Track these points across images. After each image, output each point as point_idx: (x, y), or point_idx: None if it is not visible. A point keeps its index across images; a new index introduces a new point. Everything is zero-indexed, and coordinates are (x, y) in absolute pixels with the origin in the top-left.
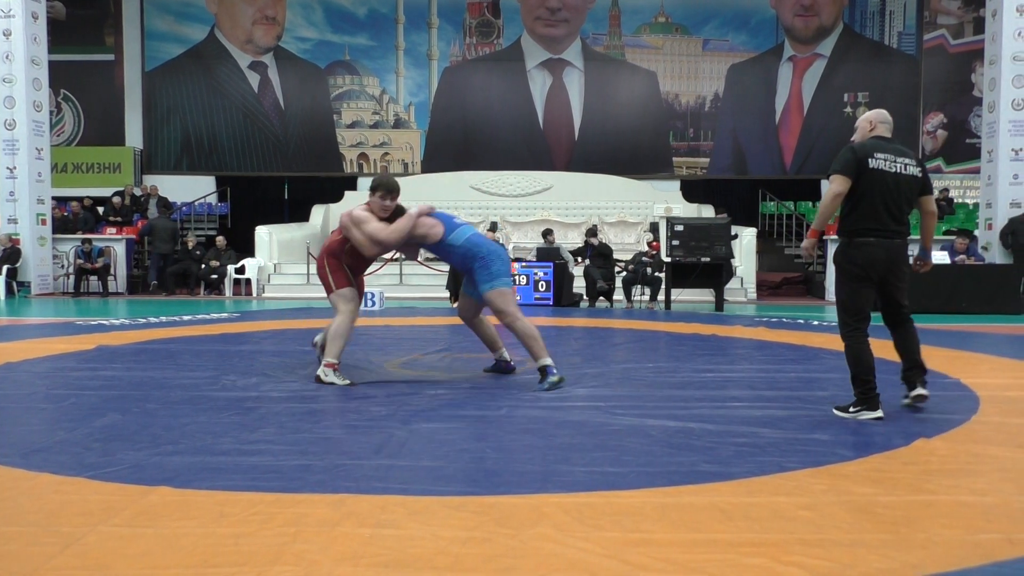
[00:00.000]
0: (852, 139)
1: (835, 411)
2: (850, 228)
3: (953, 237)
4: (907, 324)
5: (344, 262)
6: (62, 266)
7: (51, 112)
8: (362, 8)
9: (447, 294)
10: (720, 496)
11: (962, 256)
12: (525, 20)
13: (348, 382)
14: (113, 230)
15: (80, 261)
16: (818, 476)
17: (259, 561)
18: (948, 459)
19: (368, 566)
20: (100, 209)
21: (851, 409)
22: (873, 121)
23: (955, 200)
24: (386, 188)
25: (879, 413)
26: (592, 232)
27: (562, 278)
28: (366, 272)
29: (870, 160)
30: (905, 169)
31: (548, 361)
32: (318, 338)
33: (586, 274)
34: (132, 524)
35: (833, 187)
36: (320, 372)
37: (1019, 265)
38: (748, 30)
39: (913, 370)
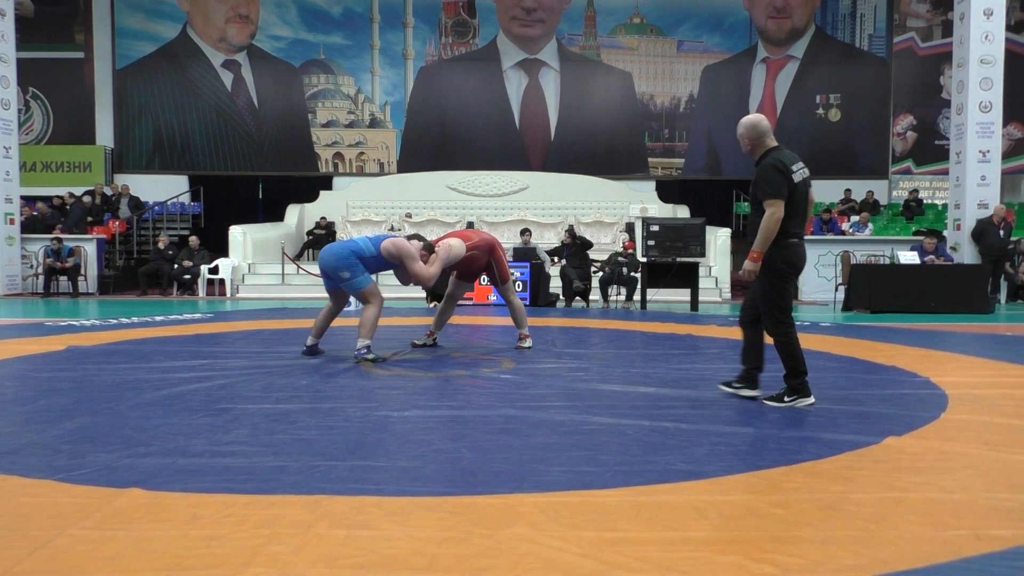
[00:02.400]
0: (749, 150)
1: (767, 403)
2: (783, 232)
3: (922, 237)
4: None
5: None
6: (31, 266)
7: (19, 110)
8: (337, 7)
9: (423, 294)
10: (695, 494)
11: (931, 256)
12: (501, 20)
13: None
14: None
15: (50, 260)
16: (791, 474)
17: (233, 563)
18: (918, 457)
19: (343, 567)
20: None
21: (787, 399)
22: (753, 138)
23: (924, 201)
24: (429, 249)
25: (813, 399)
26: (571, 231)
27: (539, 278)
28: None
29: (794, 176)
30: (805, 172)
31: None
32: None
33: (562, 274)
34: (103, 527)
35: (777, 213)
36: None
37: (987, 265)
38: (722, 32)
39: (759, 370)
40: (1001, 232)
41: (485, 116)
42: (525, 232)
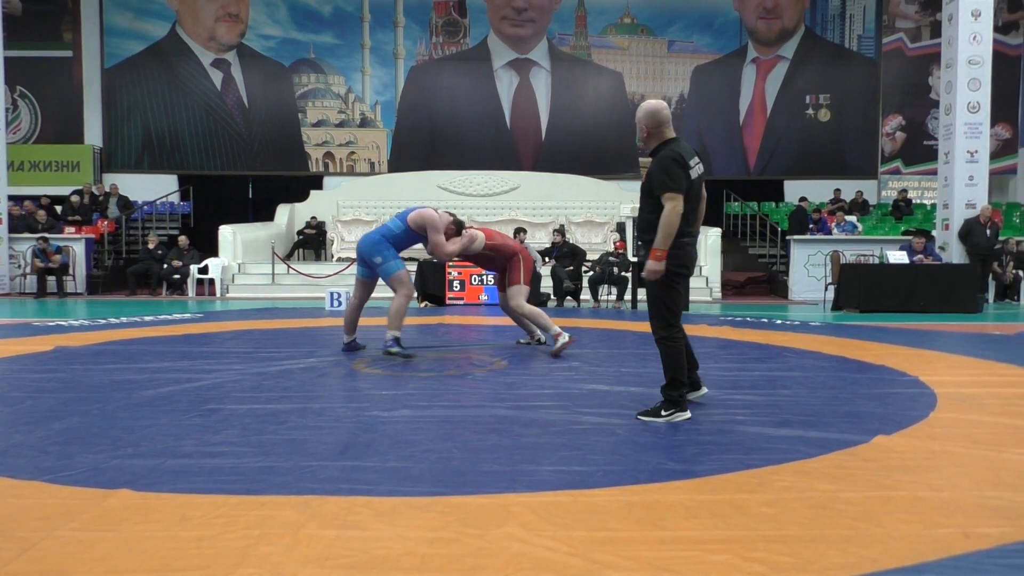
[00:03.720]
0: (642, 144)
1: (641, 418)
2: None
3: (911, 237)
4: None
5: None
6: (19, 266)
7: (7, 109)
8: (327, 6)
9: (415, 294)
10: (685, 494)
11: (920, 256)
12: (491, 20)
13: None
14: (72, 229)
15: (38, 261)
16: (780, 473)
17: (222, 564)
18: (907, 455)
19: (334, 568)
20: (58, 208)
21: (663, 413)
22: (651, 126)
23: (913, 201)
24: (458, 227)
25: (688, 414)
26: (562, 231)
27: (530, 278)
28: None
29: (691, 171)
30: (701, 168)
31: None
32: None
33: (553, 274)
34: (91, 528)
35: (678, 207)
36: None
37: (975, 265)
38: (712, 32)
39: (696, 371)
40: (988, 232)
41: (476, 116)
42: (520, 231)
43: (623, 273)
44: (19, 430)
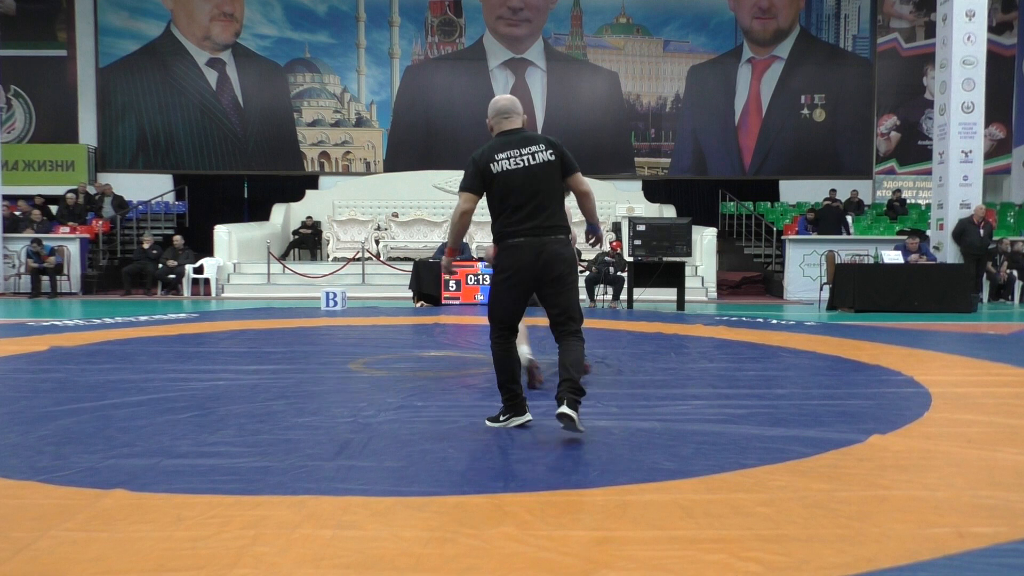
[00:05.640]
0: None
1: (487, 422)
2: (498, 232)
3: (905, 237)
4: (570, 338)
5: None
6: (13, 266)
7: (1, 108)
8: (322, 5)
9: (410, 294)
10: (681, 493)
11: (914, 256)
12: (487, 19)
13: None
14: (67, 229)
15: (31, 261)
16: (776, 472)
17: (218, 564)
18: (901, 455)
19: (330, 568)
20: (53, 208)
21: (501, 418)
22: (490, 120)
23: (908, 201)
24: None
25: (527, 417)
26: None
27: None
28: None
29: (492, 165)
30: (534, 158)
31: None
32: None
33: None
34: (86, 528)
35: (459, 206)
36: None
37: (969, 265)
38: (708, 32)
39: (562, 383)
40: (982, 232)
41: (471, 115)
42: None
43: (619, 273)
44: (14, 430)
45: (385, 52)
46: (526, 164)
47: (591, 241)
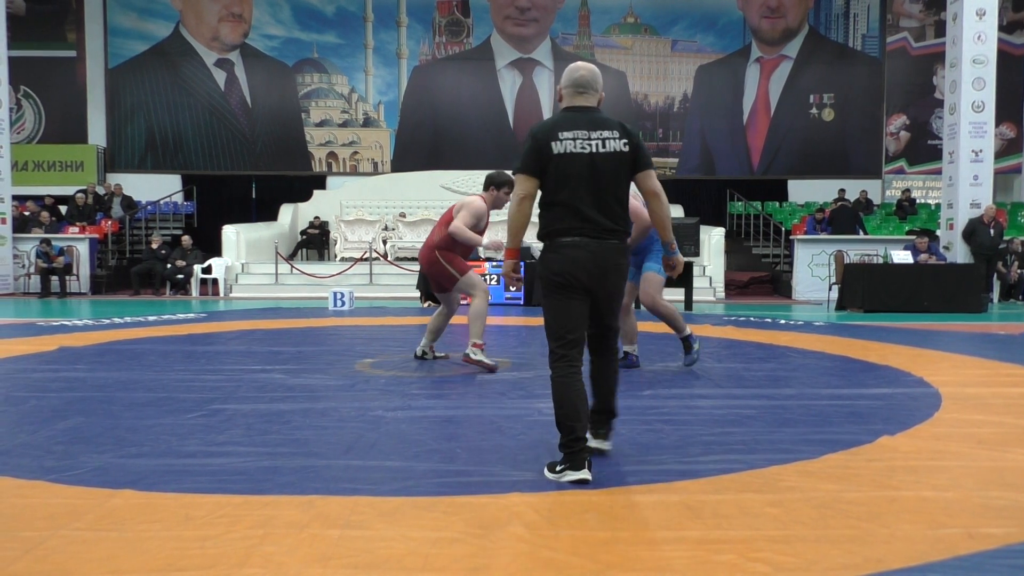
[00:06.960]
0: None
1: (546, 471)
2: (547, 229)
3: (915, 237)
4: (609, 354)
5: (457, 251)
6: (23, 266)
7: (11, 109)
8: (330, 6)
9: (417, 294)
10: (688, 494)
11: (924, 255)
12: (495, 19)
13: (494, 363)
14: (76, 229)
15: (40, 261)
16: (784, 473)
17: (226, 564)
18: (911, 455)
19: (337, 567)
20: (62, 208)
21: (558, 468)
22: (561, 88)
23: (917, 200)
24: (510, 185)
25: (584, 475)
26: None
27: (533, 277)
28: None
29: (554, 144)
30: (604, 145)
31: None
32: (421, 345)
33: None
34: (96, 528)
35: (516, 190)
36: (468, 351)
37: (980, 265)
38: (716, 31)
39: (600, 414)
40: (992, 231)
41: (479, 115)
42: None
43: None
44: (23, 430)
45: (393, 52)
46: (593, 150)
47: (669, 263)
